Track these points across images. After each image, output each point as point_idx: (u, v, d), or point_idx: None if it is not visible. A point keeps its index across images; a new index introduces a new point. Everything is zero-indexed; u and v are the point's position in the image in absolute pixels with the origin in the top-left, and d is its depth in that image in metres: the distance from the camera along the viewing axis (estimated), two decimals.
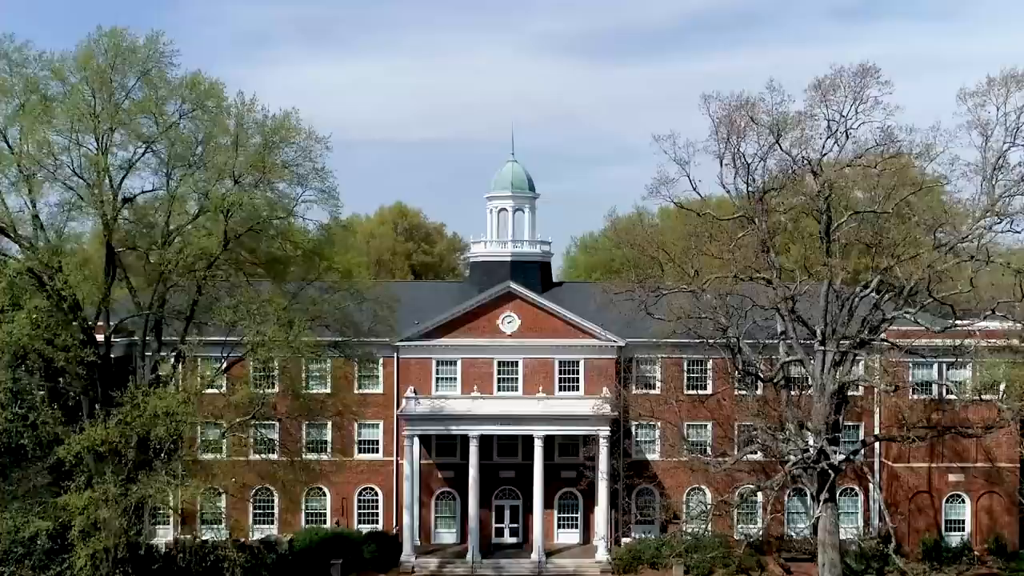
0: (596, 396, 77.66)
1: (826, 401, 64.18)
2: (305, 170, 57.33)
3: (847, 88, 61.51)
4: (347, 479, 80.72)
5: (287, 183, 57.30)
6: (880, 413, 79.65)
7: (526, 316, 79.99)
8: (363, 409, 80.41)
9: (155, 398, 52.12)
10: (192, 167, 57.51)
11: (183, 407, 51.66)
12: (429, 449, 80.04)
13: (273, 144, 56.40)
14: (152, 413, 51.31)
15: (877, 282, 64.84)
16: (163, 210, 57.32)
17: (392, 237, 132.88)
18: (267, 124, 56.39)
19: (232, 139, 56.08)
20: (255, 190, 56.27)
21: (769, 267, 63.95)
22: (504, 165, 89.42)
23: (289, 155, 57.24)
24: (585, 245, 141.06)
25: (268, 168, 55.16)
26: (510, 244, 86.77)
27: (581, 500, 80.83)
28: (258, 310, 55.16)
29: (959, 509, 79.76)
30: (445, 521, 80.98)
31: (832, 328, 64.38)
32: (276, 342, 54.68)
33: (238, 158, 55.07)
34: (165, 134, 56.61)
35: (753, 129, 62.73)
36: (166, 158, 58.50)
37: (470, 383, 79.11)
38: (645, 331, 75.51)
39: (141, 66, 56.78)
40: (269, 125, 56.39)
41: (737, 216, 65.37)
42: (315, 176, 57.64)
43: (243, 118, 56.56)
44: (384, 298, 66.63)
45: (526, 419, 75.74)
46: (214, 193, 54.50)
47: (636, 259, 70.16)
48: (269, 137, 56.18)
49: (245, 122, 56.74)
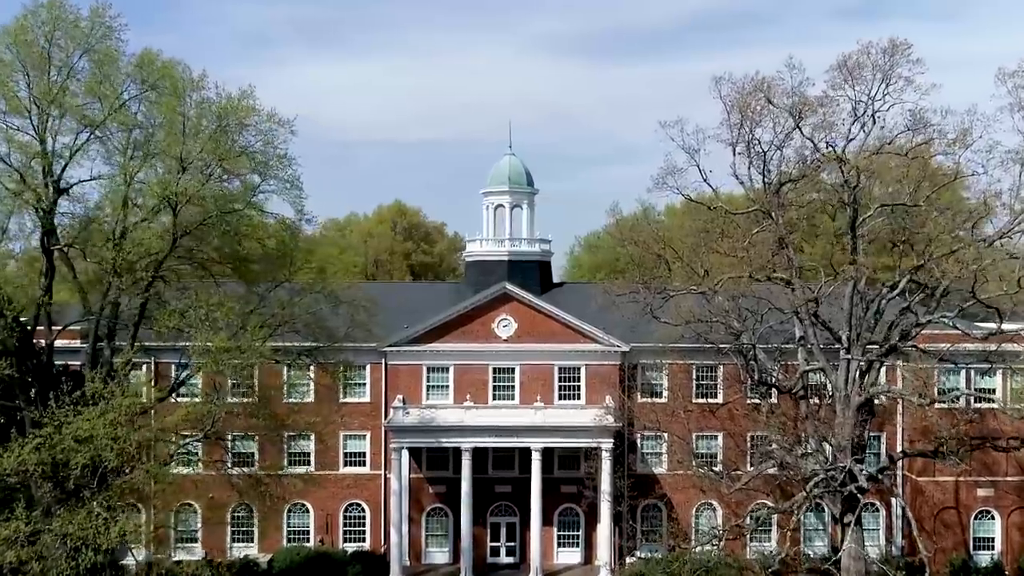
0: (598, 405, 71.31)
1: (851, 414, 56.28)
2: (266, 157, 49.34)
3: (875, 67, 53.40)
4: (332, 494, 74.10)
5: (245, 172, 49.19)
6: (903, 423, 72.20)
7: (523, 319, 73.68)
8: (349, 419, 73.91)
9: (82, 419, 44.12)
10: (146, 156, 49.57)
11: (109, 430, 43.61)
12: (419, 462, 73.60)
13: (227, 127, 48.36)
14: (73, 437, 43.34)
15: (906, 282, 56.87)
16: (107, 203, 49.37)
17: (390, 237, 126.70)
18: (219, 104, 48.29)
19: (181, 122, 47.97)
20: (207, 179, 48.24)
21: (788, 266, 55.96)
22: (501, 159, 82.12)
23: (248, 140, 49.27)
24: (589, 244, 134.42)
25: (223, 155, 47.18)
26: (507, 242, 79.86)
27: (582, 517, 73.90)
28: (207, 315, 47.01)
29: (988, 526, 73.06)
30: (436, 540, 74.50)
31: (856, 333, 56.36)
32: (225, 350, 46.60)
33: (185, 143, 47.09)
34: (113, 118, 48.62)
35: (770, 113, 54.73)
36: (119, 145, 50.60)
37: (463, 391, 73.01)
38: (651, 335, 69.02)
39: (84, 42, 48.82)
40: (220, 105, 48.29)
41: (752, 210, 57.40)
42: (277, 164, 49.59)
43: (191, 97, 48.50)
44: (361, 300, 58.87)
45: (523, 431, 69.79)
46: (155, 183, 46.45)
47: (640, 258, 62.49)
48: (223, 120, 48.11)
49: (194, 102, 48.71)
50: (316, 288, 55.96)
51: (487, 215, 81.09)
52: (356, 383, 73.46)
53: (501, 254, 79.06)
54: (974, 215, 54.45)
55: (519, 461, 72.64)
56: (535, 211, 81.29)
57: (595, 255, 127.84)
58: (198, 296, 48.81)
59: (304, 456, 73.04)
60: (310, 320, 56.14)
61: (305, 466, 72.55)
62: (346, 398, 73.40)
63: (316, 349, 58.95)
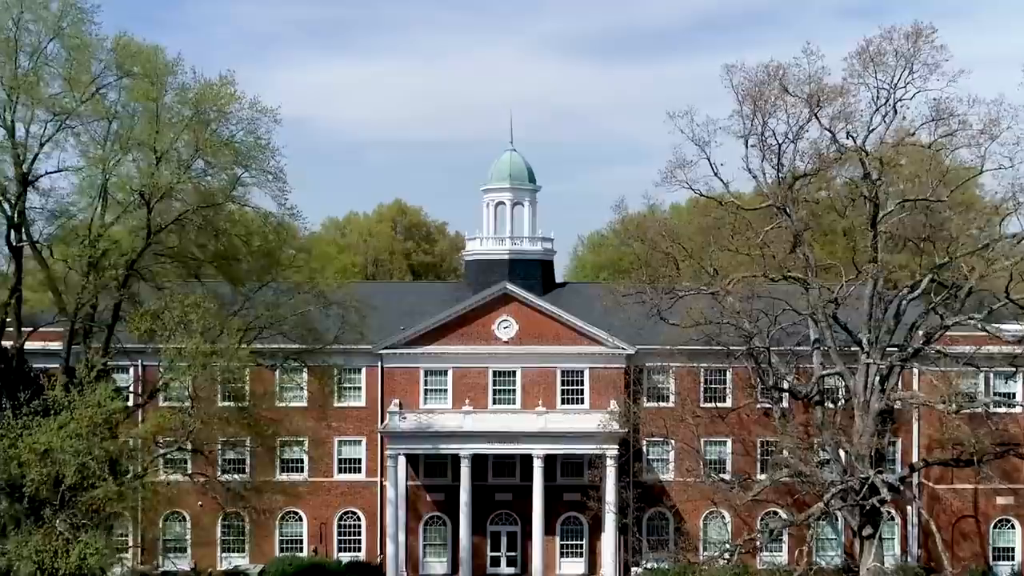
0: (603, 410, 67.82)
1: (870, 422, 52.54)
2: (248, 147, 45.56)
3: (898, 53, 49.65)
4: (326, 502, 70.64)
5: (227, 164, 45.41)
6: (919, 429, 68.46)
7: (525, 320, 70.33)
8: (343, 424, 70.41)
9: (39, 431, 40.26)
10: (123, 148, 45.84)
11: (70, 443, 39.76)
12: (416, 469, 70.15)
13: (207, 116, 44.63)
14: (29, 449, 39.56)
15: (928, 282, 53.17)
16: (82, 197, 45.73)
17: (390, 236, 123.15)
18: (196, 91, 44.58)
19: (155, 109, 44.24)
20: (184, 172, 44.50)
21: (804, 265, 52.24)
22: (502, 155, 78.37)
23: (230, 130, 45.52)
24: (593, 243, 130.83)
25: (203, 146, 43.46)
26: (508, 241, 76.16)
27: (586, 525, 70.47)
28: (182, 316, 43.22)
29: (1009, 536, 69.78)
30: (434, 549, 71.02)
31: (875, 336, 52.65)
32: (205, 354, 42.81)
33: (159, 132, 43.40)
34: (87, 107, 44.95)
35: (784, 103, 50.95)
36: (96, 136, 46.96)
37: (462, 395, 69.57)
38: (657, 337, 65.52)
39: (55, 25, 45.14)
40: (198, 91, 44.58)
41: (766, 206, 53.64)
42: (260, 154, 45.83)
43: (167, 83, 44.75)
44: (351, 300, 55.21)
45: (524, 436, 66.55)
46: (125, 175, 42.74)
47: (647, 256, 58.84)
48: (201, 107, 44.37)
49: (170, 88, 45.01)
50: (304, 288, 52.29)
51: (487, 212, 77.48)
52: (351, 387, 70.20)
53: (502, 253, 75.45)
54: (1001, 210, 50.61)
55: (520, 468, 69.36)
56: (537, 208, 77.78)
57: (599, 254, 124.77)
58: (173, 296, 44.99)
59: (297, 463, 69.85)
60: (298, 322, 52.43)
61: (299, 473, 69.57)
62: (340, 402, 69.93)
63: (306, 352, 55.25)
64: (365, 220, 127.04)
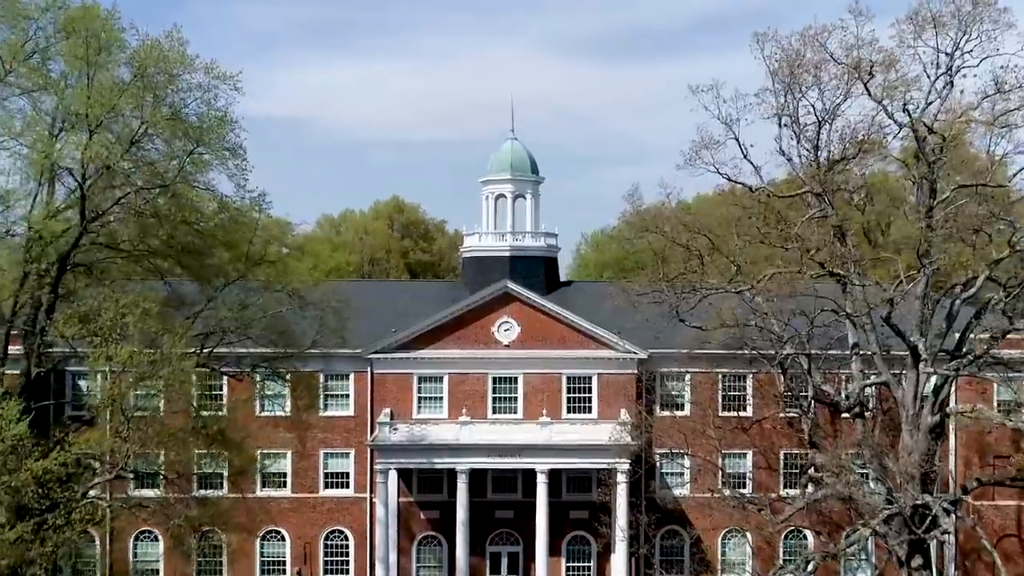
0: (613, 420, 61.65)
1: (921, 438, 45.16)
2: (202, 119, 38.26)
3: (955, 17, 42.27)
4: (311, 520, 64.27)
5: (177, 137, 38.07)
6: (957, 440, 61.79)
7: (527, 322, 64.48)
8: (329, 435, 64.12)
9: None
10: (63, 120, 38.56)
11: None
12: (409, 484, 64.06)
13: (152, 81, 37.30)
14: None
15: (984, 279, 45.88)
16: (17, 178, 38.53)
17: (387, 234, 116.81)
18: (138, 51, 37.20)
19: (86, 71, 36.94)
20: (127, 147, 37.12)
21: (845, 260, 44.88)
22: (503, 144, 71.72)
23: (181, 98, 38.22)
24: (596, 241, 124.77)
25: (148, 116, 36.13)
26: (509, 236, 69.91)
27: (594, 546, 64.29)
28: (116, 319, 35.83)
29: None
30: (429, 571, 64.82)
31: (929, 340, 45.33)
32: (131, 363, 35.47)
33: (89, 99, 36.07)
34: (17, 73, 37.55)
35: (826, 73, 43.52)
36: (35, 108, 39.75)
37: (459, 404, 63.71)
38: (672, 341, 59.82)
39: None
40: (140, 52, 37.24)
41: (803, 192, 46.29)
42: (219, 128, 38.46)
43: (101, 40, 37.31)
44: (329, 301, 48.10)
45: (527, 449, 60.98)
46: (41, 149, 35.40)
47: (664, 251, 51.70)
48: (144, 70, 37.06)
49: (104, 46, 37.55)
50: (275, 287, 45.10)
51: (487, 206, 70.84)
52: (337, 394, 63.83)
53: (502, 249, 68.99)
54: None
55: (522, 483, 63.62)
56: (539, 201, 70.90)
57: (602, 253, 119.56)
58: (107, 296, 37.63)
59: (280, 477, 63.62)
60: (269, 324, 45.29)
61: (281, 488, 63.40)
62: (326, 412, 63.54)
63: (277, 357, 48.09)
64: (361, 217, 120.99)
